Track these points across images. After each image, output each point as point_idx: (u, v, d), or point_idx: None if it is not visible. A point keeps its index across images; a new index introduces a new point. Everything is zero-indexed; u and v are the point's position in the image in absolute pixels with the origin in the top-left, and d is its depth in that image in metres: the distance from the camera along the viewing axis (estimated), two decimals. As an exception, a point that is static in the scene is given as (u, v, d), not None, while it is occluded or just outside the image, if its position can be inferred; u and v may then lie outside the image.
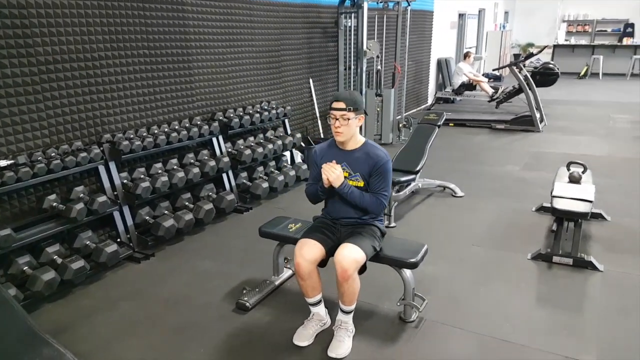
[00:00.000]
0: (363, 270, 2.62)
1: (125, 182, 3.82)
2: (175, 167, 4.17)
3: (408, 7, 6.76)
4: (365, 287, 2.68)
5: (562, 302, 3.01)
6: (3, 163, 3.08)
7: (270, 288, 3.19)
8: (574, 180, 3.90)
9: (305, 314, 2.77)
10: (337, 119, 2.53)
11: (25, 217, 3.30)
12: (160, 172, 4.01)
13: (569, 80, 13.99)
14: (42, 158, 3.27)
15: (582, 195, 3.58)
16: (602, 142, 7.02)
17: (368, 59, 6.53)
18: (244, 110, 5.10)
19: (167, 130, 4.15)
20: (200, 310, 3.00)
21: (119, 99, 3.89)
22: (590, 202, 3.51)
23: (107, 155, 3.69)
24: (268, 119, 5.21)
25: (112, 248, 3.34)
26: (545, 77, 8.83)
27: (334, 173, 2.53)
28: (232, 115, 4.83)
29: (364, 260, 2.52)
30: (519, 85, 8.40)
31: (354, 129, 2.59)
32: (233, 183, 4.76)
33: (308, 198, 2.81)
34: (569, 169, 4.07)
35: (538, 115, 7.91)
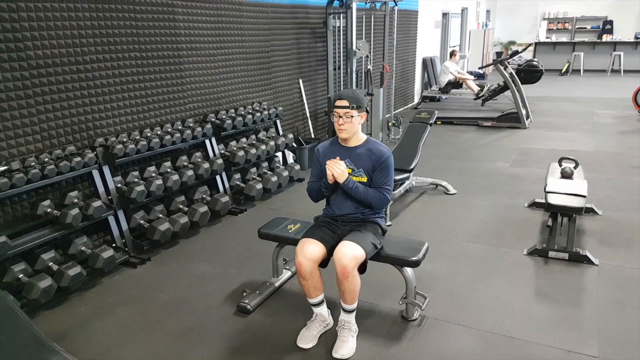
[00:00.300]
0: (363, 271, 2.62)
1: (120, 186, 3.77)
2: (169, 170, 4.13)
3: (395, 7, 6.78)
4: (365, 286, 2.68)
5: (560, 296, 3.05)
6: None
7: (271, 290, 3.17)
8: (567, 176, 3.96)
9: (307, 315, 2.76)
10: (340, 117, 2.56)
11: (19, 224, 3.24)
12: (154, 175, 3.97)
13: (552, 77, 14.19)
14: (35, 164, 3.21)
15: (575, 191, 3.64)
16: (587, 137, 7.14)
17: (357, 59, 6.54)
18: (236, 112, 5.06)
19: (160, 133, 4.11)
20: (201, 314, 2.98)
21: (111, 102, 3.85)
22: (584, 197, 3.57)
23: (100, 160, 3.64)
24: (260, 120, 5.18)
25: (108, 253, 3.30)
26: (530, 74, 8.95)
27: (339, 169, 2.56)
28: (224, 117, 4.80)
29: (364, 258, 2.51)
30: (504, 83, 8.50)
31: (357, 126, 2.63)
32: (227, 185, 4.73)
33: (310, 196, 2.81)
34: (561, 165, 4.12)
35: (524, 112, 8.00)
